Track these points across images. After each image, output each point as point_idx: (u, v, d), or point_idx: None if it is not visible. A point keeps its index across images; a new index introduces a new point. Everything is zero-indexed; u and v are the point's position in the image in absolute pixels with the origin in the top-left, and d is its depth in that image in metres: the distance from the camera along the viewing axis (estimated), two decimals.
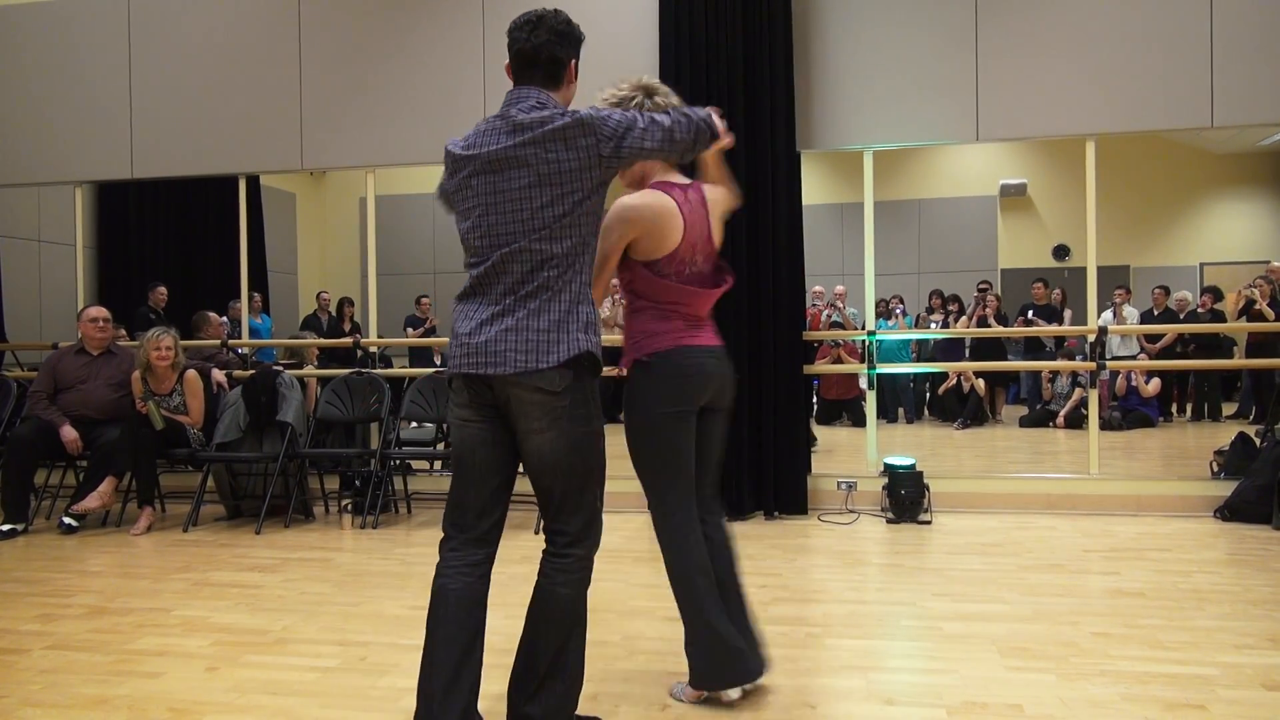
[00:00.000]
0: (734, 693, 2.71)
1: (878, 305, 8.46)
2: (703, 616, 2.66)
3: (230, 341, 7.08)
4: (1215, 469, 5.87)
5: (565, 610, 2.38)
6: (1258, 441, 5.72)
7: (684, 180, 2.75)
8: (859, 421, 9.43)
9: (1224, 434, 6.98)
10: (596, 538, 2.41)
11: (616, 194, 2.65)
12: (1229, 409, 10.59)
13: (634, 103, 2.66)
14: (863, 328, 6.16)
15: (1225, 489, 5.43)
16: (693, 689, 2.73)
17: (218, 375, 6.17)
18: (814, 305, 9.10)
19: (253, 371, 6.22)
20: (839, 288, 9.39)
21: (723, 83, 5.67)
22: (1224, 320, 10.08)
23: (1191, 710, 2.66)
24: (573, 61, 2.50)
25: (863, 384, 7.48)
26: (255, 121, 6.58)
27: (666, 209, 2.64)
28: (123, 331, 6.94)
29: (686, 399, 2.67)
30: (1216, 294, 10.26)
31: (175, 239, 8.86)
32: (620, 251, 2.65)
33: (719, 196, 2.83)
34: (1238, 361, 10.50)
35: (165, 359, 5.71)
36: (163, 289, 8.06)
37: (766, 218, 5.64)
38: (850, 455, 7.77)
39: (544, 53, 2.39)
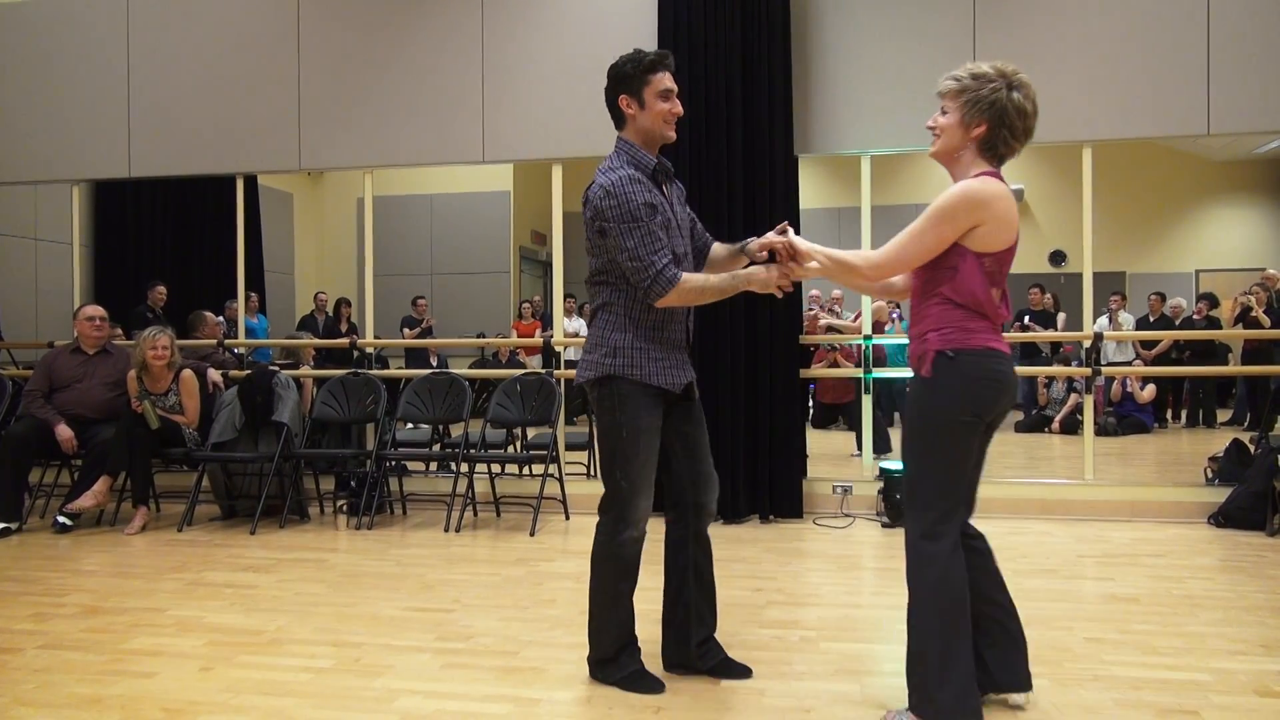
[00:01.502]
0: None
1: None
2: (955, 644, 2.44)
3: (226, 341, 7.07)
4: (1210, 475, 5.88)
5: (594, 552, 2.90)
6: (1252, 448, 5.73)
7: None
8: (855, 426, 9.42)
9: (1219, 440, 6.99)
10: (614, 512, 2.83)
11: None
12: (1224, 415, 10.61)
13: (991, 86, 2.48)
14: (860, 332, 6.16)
15: (1219, 495, 5.44)
16: None
17: (214, 375, 6.16)
18: (810, 309, 9.11)
19: (249, 371, 6.22)
20: (835, 292, 9.39)
21: (721, 87, 5.67)
22: (1219, 327, 10.11)
23: (1184, 716, 2.67)
24: (620, 97, 2.86)
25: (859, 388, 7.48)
26: (253, 121, 6.58)
27: (1012, 203, 2.49)
28: (119, 330, 6.94)
29: (986, 407, 2.50)
30: (1212, 301, 10.28)
31: (172, 238, 8.84)
32: (953, 240, 2.47)
33: None
34: (1233, 368, 10.52)
35: (161, 358, 5.70)
36: (162, 288, 8.05)
37: (764, 221, 5.63)
38: (846, 459, 7.77)
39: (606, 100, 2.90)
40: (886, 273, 2.61)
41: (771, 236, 2.83)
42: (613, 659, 2.91)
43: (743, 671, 2.98)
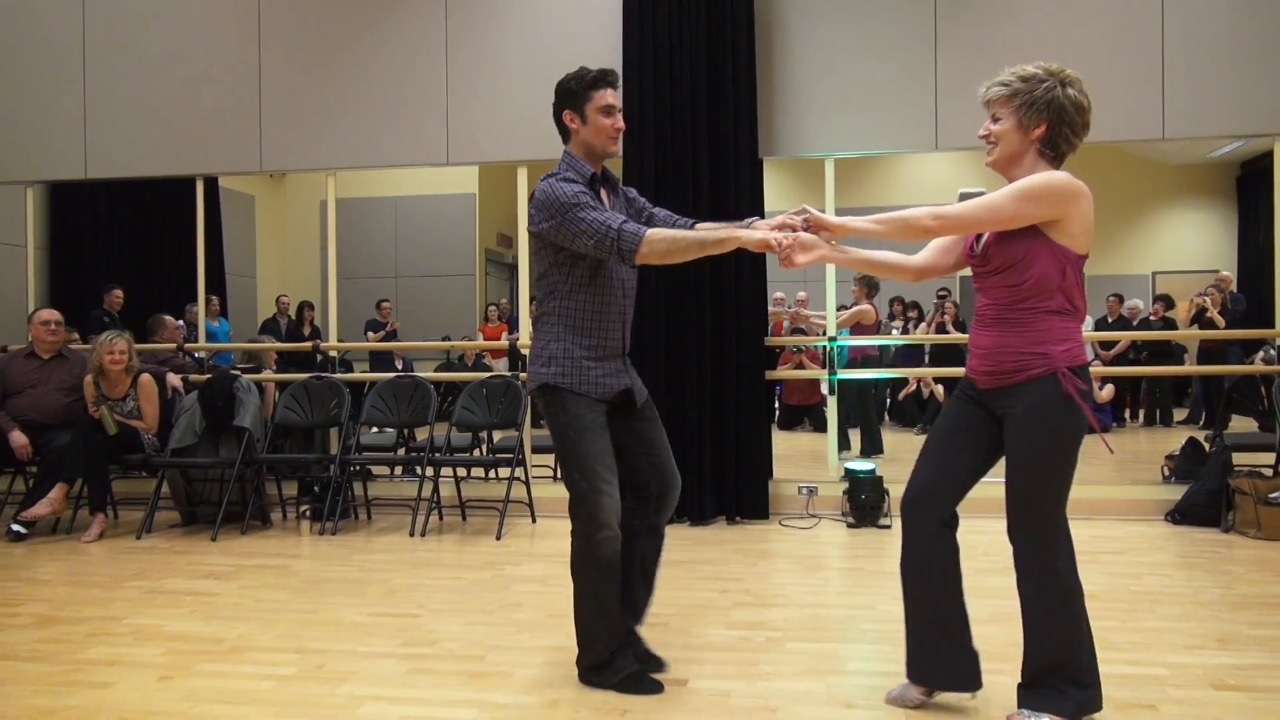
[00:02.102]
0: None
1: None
2: (1091, 646, 2.55)
3: (187, 345, 6.96)
4: (1166, 473, 5.99)
5: (572, 558, 2.93)
6: (1207, 447, 5.85)
7: None
8: (820, 427, 9.49)
9: (1175, 439, 7.12)
10: (583, 516, 2.86)
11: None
12: (1180, 415, 10.81)
13: (1045, 86, 2.48)
14: (824, 333, 6.20)
15: (1176, 493, 5.54)
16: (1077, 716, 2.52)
17: (173, 379, 6.07)
18: (773, 309, 9.16)
19: (209, 376, 6.13)
20: (800, 294, 9.45)
21: (686, 90, 5.69)
22: (1175, 328, 10.30)
23: (1142, 710, 2.71)
24: (564, 112, 2.97)
25: (824, 390, 7.55)
26: (213, 122, 6.49)
27: (1093, 206, 2.47)
28: (75, 335, 6.80)
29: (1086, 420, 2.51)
30: (1168, 302, 10.47)
31: (130, 241, 8.69)
32: (1026, 222, 2.45)
33: None
34: (1189, 368, 10.71)
35: (119, 363, 5.61)
36: (118, 291, 7.91)
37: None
38: (811, 460, 7.82)
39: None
40: (951, 227, 2.56)
41: (788, 218, 2.78)
42: (607, 663, 2.91)
43: (658, 664, 3.04)
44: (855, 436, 8.05)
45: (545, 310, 2.96)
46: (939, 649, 2.67)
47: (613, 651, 2.92)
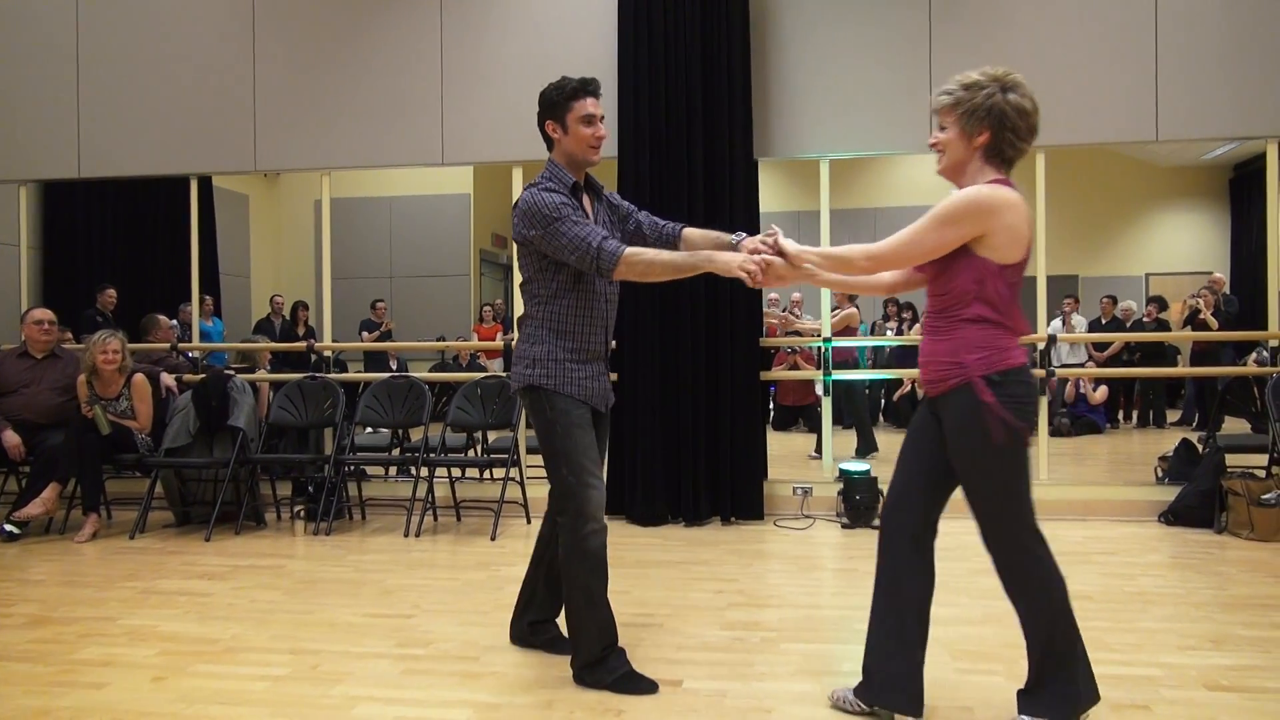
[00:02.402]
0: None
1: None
2: (1080, 642, 2.54)
3: (180, 345, 6.95)
4: (1159, 474, 6.01)
5: (562, 554, 2.96)
6: (1200, 448, 5.86)
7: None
8: (815, 428, 9.50)
9: (1168, 440, 7.14)
10: (570, 510, 2.91)
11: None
12: (1173, 416, 10.85)
13: (985, 93, 2.46)
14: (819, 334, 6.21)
15: (1169, 494, 5.55)
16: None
17: (167, 379, 6.06)
18: (767, 310, 9.17)
19: (203, 376, 6.12)
20: (795, 295, 9.46)
21: (681, 91, 5.69)
22: (1169, 329, 10.33)
23: (1136, 710, 2.72)
24: (546, 122, 3.03)
25: (819, 390, 7.55)
26: (208, 121, 6.47)
27: (1023, 212, 2.45)
28: (68, 334, 6.79)
29: (1033, 420, 2.51)
30: (1161, 304, 10.51)
31: (124, 240, 8.68)
32: (954, 245, 2.46)
33: None
34: (1182, 370, 10.76)
35: (112, 362, 5.59)
36: (112, 291, 7.90)
37: (724, 225, 5.65)
38: (806, 461, 7.83)
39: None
40: (882, 266, 2.61)
41: (759, 240, 2.81)
42: (600, 661, 2.93)
43: (566, 646, 3.09)
44: (850, 437, 8.05)
45: (529, 314, 3.03)
46: (891, 664, 2.61)
47: (604, 648, 2.93)
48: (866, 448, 7.74)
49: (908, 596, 2.64)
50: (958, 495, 2.65)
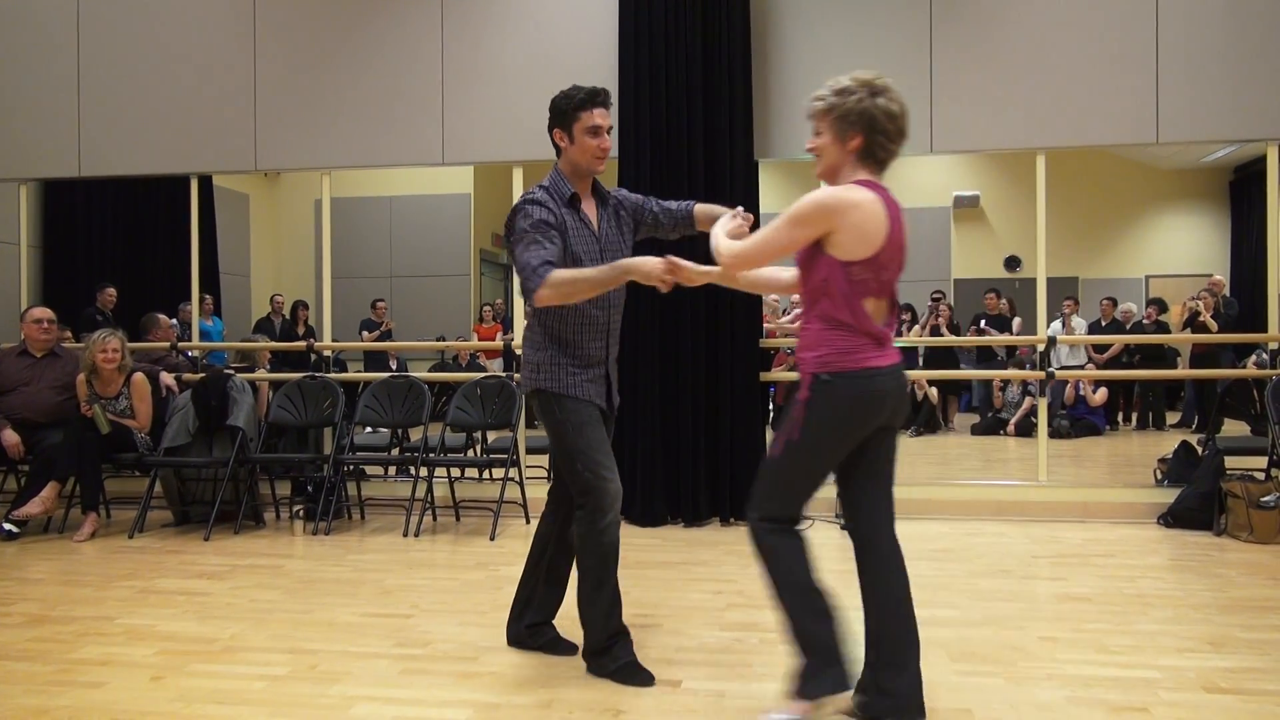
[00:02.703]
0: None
1: None
2: (808, 621, 2.72)
3: (180, 344, 6.95)
4: (1159, 476, 6.00)
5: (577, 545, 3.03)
6: (1199, 450, 5.86)
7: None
8: None
9: (1167, 442, 7.14)
10: (590, 505, 2.94)
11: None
12: (1172, 418, 10.85)
13: (855, 98, 2.49)
14: None
15: (1168, 496, 5.55)
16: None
17: (166, 378, 6.05)
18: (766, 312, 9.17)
19: (203, 375, 6.11)
20: (794, 296, 9.43)
21: (682, 91, 5.69)
22: (1168, 331, 10.33)
23: (1135, 713, 2.72)
24: (554, 130, 3.04)
25: None
26: (208, 120, 6.47)
27: (871, 212, 2.48)
28: (68, 333, 6.78)
29: (862, 426, 2.55)
30: (1161, 306, 10.51)
31: (124, 239, 8.67)
32: (804, 244, 2.53)
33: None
34: (1181, 372, 10.76)
35: (112, 361, 5.59)
36: (111, 290, 7.89)
37: None
38: None
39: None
40: (740, 265, 2.69)
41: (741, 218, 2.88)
42: (605, 650, 2.99)
43: (569, 649, 3.19)
44: None
45: (530, 320, 3.10)
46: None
47: (610, 637, 3.00)
48: None
49: (867, 596, 2.82)
50: (954, 497, 2.68)
